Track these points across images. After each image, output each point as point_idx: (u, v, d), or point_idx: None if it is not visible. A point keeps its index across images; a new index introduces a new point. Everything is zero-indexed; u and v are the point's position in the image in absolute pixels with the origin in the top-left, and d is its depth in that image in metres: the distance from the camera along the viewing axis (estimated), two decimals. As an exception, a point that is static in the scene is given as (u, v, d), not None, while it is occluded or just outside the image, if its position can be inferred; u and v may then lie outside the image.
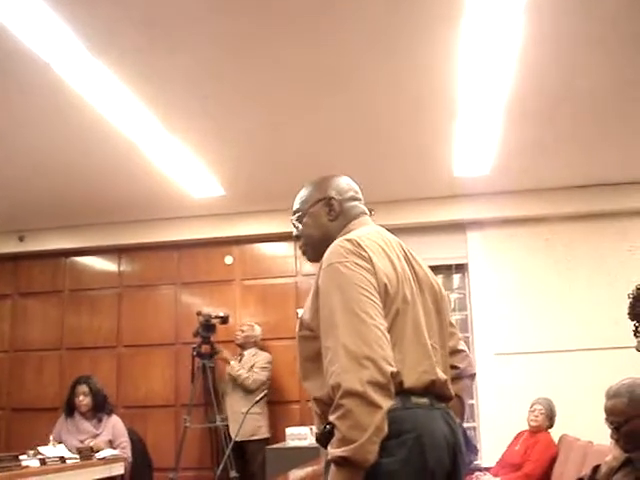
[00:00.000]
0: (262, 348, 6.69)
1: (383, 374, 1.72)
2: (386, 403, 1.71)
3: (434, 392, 1.92)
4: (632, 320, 3.91)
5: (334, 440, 1.70)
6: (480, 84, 4.33)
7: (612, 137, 5.45)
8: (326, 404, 1.79)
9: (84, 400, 5.50)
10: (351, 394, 1.68)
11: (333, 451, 1.69)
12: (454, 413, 2.05)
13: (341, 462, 1.67)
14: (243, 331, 6.69)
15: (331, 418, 1.72)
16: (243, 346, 6.65)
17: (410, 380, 1.85)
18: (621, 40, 3.94)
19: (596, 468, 3.13)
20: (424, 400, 1.88)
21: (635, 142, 5.56)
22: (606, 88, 4.56)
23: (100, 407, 5.52)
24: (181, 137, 5.07)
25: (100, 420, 5.49)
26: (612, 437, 3.00)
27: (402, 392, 1.83)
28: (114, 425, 5.47)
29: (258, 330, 6.72)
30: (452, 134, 5.21)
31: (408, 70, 4.23)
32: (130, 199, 6.53)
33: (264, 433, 6.30)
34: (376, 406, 1.68)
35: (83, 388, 5.54)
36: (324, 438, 1.76)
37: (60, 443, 5.19)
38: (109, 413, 5.55)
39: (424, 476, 1.78)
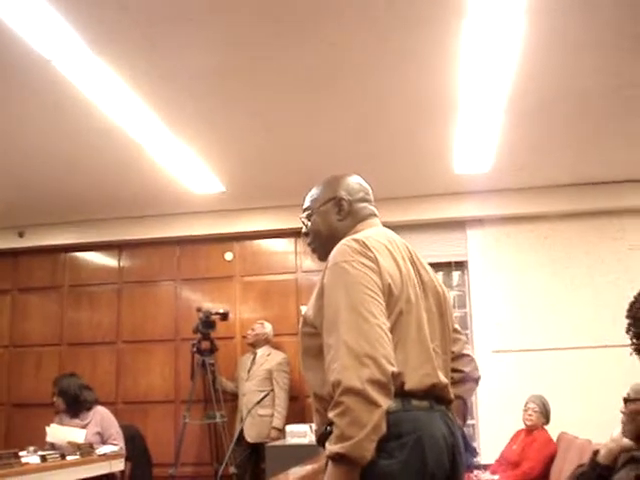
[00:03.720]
0: (274, 346, 6.68)
1: (383, 373, 1.73)
2: (385, 402, 1.72)
3: (434, 395, 1.93)
4: (628, 318, 3.94)
5: (332, 436, 1.71)
6: (480, 83, 4.33)
7: (611, 136, 5.45)
8: (327, 401, 1.80)
9: (57, 401, 5.46)
10: (351, 391, 1.69)
11: (330, 447, 1.70)
12: (456, 415, 2.07)
13: (338, 458, 1.69)
14: (254, 329, 6.67)
15: (330, 415, 1.73)
16: (255, 345, 6.64)
17: (411, 382, 1.86)
18: (620, 41, 3.95)
19: (596, 452, 3.15)
20: (424, 403, 1.89)
21: (635, 141, 5.56)
22: (605, 88, 4.57)
23: (72, 405, 5.43)
24: (181, 134, 5.07)
25: (81, 415, 5.44)
26: (622, 411, 3.06)
27: (403, 394, 1.84)
28: (101, 417, 5.39)
29: (269, 328, 6.69)
30: (453, 132, 5.21)
31: (409, 69, 4.23)
32: (130, 195, 6.53)
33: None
34: (375, 404, 1.69)
35: (54, 390, 5.51)
36: (324, 439, 1.77)
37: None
38: (89, 407, 5.44)
39: (423, 477, 1.79)
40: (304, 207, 2.28)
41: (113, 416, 5.51)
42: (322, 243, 2.19)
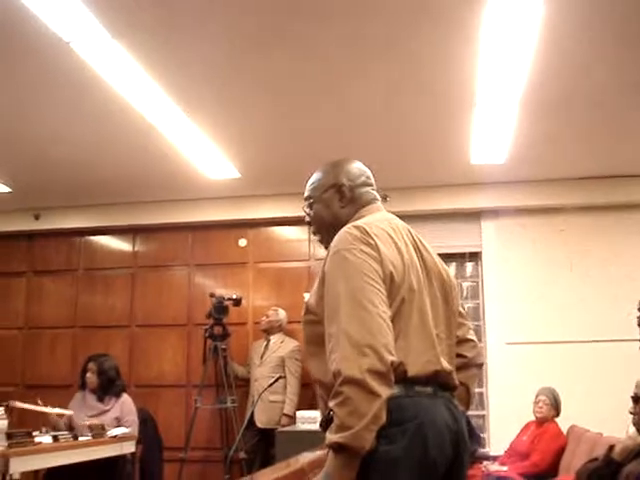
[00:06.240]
0: (288, 333, 6.69)
1: (383, 363, 1.72)
2: (385, 392, 1.72)
3: (438, 382, 1.92)
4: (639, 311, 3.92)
5: (332, 426, 1.72)
6: (498, 74, 4.32)
7: (628, 129, 5.41)
8: (330, 389, 1.80)
9: (91, 378, 5.53)
10: (350, 381, 1.70)
11: (330, 437, 1.71)
12: (460, 401, 2.06)
13: (337, 448, 1.69)
14: (268, 316, 6.69)
15: (330, 404, 1.74)
16: (268, 331, 6.67)
17: (414, 369, 1.86)
18: (639, 35, 3.91)
19: (612, 447, 3.15)
20: (428, 389, 1.89)
21: (653, 134, 5.53)
22: (623, 81, 4.53)
23: (106, 387, 5.52)
24: (197, 119, 5.08)
25: (106, 399, 5.51)
26: (630, 411, 3.06)
27: (405, 381, 1.84)
28: (123, 404, 5.49)
29: (282, 314, 6.71)
30: (470, 122, 5.19)
31: (428, 59, 4.22)
32: (146, 179, 6.55)
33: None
34: (375, 394, 1.70)
35: (92, 366, 5.57)
36: (327, 424, 1.77)
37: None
38: (118, 394, 5.55)
39: (425, 463, 1.79)
40: (305, 196, 2.26)
41: (134, 406, 5.60)
42: (326, 231, 2.17)
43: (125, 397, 5.59)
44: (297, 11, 3.71)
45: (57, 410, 5.27)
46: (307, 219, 2.26)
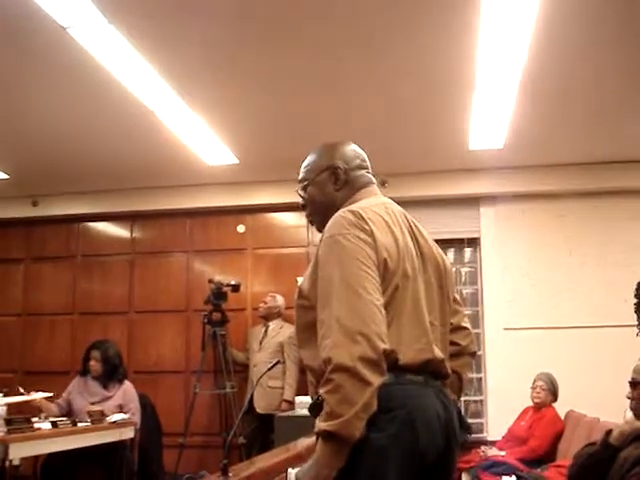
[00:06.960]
0: (286, 319, 6.68)
1: (375, 350, 1.70)
2: (376, 380, 1.70)
3: (430, 370, 1.90)
4: (636, 298, 3.93)
5: (322, 413, 1.70)
6: (497, 60, 4.30)
7: (629, 114, 5.39)
8: (319, 374, 1.78)
9: (95, 366, 5.54)
10: (341, 369, 1.68)
11: (320, 424, 1.69)
12: (452, 389, 2.05)
13: (327, 436, 1.68)
14: (266, 302, 6.70)
15: (321, 391, 1.72)
16: (267, 317, 6.67)
17: (406, 357, 1.84)
18: (637, 15, 3.89)
19: (609, 432, 3.16)
20: (419, 378, 1.86)
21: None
22: (622, 65, 4.51)
23: (109, 374, 5.54)
24: (195, 104, 5.06)
25: (109, 386, 5.53)
26: (628, 396, 3.07)
27: (397, 368, 1.81)
28: (125, 391, 5.51)
29: (280, 300, 6.72)
30: (468, 108, 5.17)
31: (426, 43, 4.19)
32: (144, 165, 6.53)
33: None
34: (366, 382, 1.68)
35: (95, 354, 5.58)
36: (315, 409, 1.75)
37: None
38: (121, 380, 5.57)
39: (414, 452, 1.76)
40: (299, 179, 2.22)
41: (136, 392, 5.61)
42: (320, 214, 2.13)
43: (127, 384, 5.60)
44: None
45: (41, 394, 5.28)
46: (301, 202, 2.23)
